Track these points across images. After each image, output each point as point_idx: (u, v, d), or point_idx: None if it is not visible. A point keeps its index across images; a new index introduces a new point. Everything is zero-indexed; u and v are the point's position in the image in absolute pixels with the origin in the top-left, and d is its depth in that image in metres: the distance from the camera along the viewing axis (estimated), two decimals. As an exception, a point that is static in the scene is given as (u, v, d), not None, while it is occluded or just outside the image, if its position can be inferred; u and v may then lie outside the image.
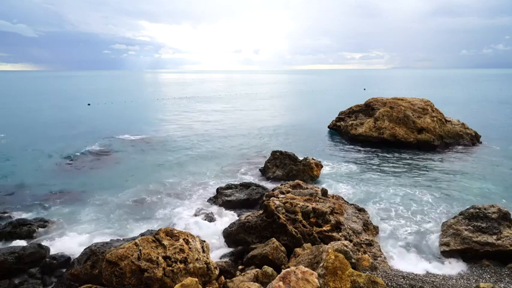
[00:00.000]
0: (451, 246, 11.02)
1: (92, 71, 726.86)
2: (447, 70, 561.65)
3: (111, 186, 17.99)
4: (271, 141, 28.84)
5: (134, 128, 34.75)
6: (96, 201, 15.95)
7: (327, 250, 7.77)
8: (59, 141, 28.73)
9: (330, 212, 11.96)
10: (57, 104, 59.58)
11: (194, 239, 9.09)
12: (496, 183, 17.69)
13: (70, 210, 15.12)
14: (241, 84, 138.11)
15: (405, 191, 16.87)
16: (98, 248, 9.76)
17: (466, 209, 12.14)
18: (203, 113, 47.18)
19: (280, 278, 6.72)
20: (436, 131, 26.57)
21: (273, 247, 9.81)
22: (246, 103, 60.39)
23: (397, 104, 28.22)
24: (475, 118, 37.22)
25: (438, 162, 21.71)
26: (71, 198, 16.46)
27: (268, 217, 11.42)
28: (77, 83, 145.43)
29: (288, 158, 19.30)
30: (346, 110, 32.93)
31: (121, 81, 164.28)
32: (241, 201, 15.23)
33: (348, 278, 7.15)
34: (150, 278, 7.64)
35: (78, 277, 9.14)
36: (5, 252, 10.34)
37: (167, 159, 23.24)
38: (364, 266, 9.39)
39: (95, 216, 14.42)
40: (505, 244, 10.32)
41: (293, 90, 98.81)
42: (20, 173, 20.14)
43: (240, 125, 36.77)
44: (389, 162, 21.81)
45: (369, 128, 27.83)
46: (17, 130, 34.14)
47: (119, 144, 27.78)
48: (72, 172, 20.52)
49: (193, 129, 34.79)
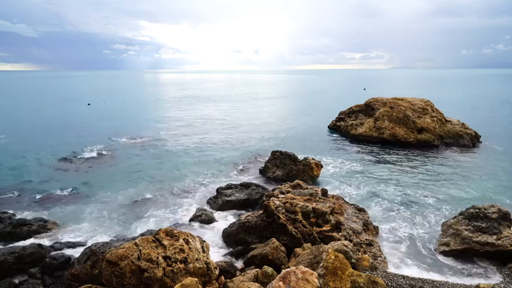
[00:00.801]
0: (451, 246, 11.01)
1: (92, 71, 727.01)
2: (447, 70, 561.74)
3: (111, 186, 17.99)
4: (271, 141, 28.84)
5: (134, 128, 34.76)
6: (96, 201, 15.96)
7: (327, 250, 7.77)
8: (59, 141, 28.74)
9: (330, 212, 11.96)
10: (58, 104, 59.60)
11: (194, 239, 9.08)
12: (496, 183, 17.70)
13: (70, 210, 15.13)
14: (241, 84, 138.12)
15: (405, 191, 16.87)
16: (98, 248, 9.75)
17: (466, 209, 12.14)
18: (203, 113, 47.19)
19: (280, 278, 6.72)
20: (436, 131, 26.58)
21: (273, 247, 9.81)
22: (246, 103, 60.40)
23: (397, 104, 28.22)
24: (475, 118, 37.23)
25: (438, 162, 21.70)
26: (71, 198, 16.47)
27: (268, 217, 11.42)
28: (77, 83, 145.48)
29: (288, 158, 19.29)
30: (346, 110, 32.94)
31: (121, 81, 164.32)
32: (241, 201, 15.23)
33: (348, 278, 7.15)
34: (150, 278, 7.63)
35: (78, 277, 9.14)
36: (5, 252, 10.34)
37: (167, 159, 23.23)
38: (364, 266, 9.39)
39: (95, 216, 14.42)
40: (505, 244, 10.32)
41: (293, 90, 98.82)
42: (20, 173, 20.14)
43: (240, 125, 36.78)
44: (389, 162, 21.81)
45: (369, 128, 27.83)
46: (17, 130, 34.14)
47: (119, 144, 27.78)
48: (72, 172, 20.52)
49: (193, 129, 34.79)
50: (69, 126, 36.20)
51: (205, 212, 14.13)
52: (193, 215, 13.95)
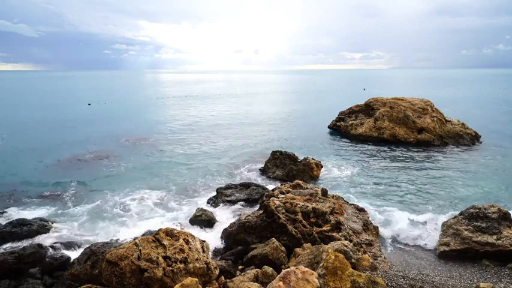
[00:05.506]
0: (451, 246, 11.01)
1: (92, 71, 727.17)
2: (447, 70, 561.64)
3: (112, 186, 18.00)
4: (271, 141, 28.84)
5: (134, 128, 34.77)
6: (96, 201, 15.96)
7: (327, 250, 7.77)
8: (59, 141, 28.75)
9: (330, 212, 11.96)
10: (58, 103, 59.59)
11: (194, 239, 9.08)
12: (496, 183, 17.70)
13: (70, 210, 15.14)
14: (241, 84, 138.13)
15: (405, 190, 16.88)
16: (98, 248, 9.76)
17: (466, 209, 12.13)
18: (203, 113, 47.19)
19: (280, 278, 6.72)
20: (436, 131, 26.58)
21: (273, 247, 9.81)
22: (246, 103, 60.39)
23: (397, 104, 28.22)
24: (475, 118, 37.20)
25: (438, 162, 21.70)
26: (71, 198, 16.48)
27: (268, 217, 11.42)
28: (77, 83, 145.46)
29: (288, 158, 19.29)
30: (346, 110, 32.93)
31: (121, 81, 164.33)
32: (241, 201, 15.23)
33: (348, 278, 7.14)
34: (150, 278, 7.63)
35: (78, 277, 9.14)
36: (5, 252, 10.35)
37: (167, 159, 23.24)
38: (364, 266, 9.39)
39: (95, 216, 14.43)
40: (505, 244, 10.32)
41: (293, 90, 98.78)
42: (20, 173, 20.15)
43: (240, 125, 36.78)
44: (389, 163, 21.81)
45: (369, 128, 27.84)
46: (17, 130, 34.14)
47: (119, 143, 27.78)
48: (72, 172, 20.51)
49: (193, 129, 34.79)
50: (69, 126, 36.21)
51: (205, 212, 14.13)
52: (193, 215, 13.94)
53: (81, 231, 13.11)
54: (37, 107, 54.38)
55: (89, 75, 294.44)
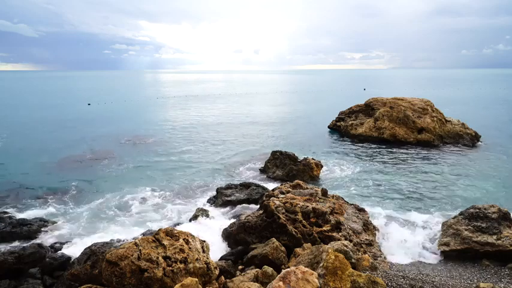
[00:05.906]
0: (451, 246, 11.01)
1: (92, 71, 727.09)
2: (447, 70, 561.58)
3: (111, 186, 17.99)
4: (271, 141, 28.84)
5: (134, 128, 34.76)
6: (96, 201, 15.95)
7: (327, 250, 7.76)
8: (59, 141, 28.75)
9: (330, 212, 11.95)
10: (58, 103, 59.59)
11: (194, 239, 9.08)
12: (496, 183, 17.69)
13: (70, 210, 15.13)
14: (241, 84, 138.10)
15: (405, 190, 16.87)
16: (98, 248, 9.76)
17: (466, 209, 12.13)
18: (203, 112, 47.18)
19: (280, 278, 6.72)
20: (436, 131, 26.58)
21: (273, 247, 9.80)
22: (246, 103, 60.39)
23: (397, 104, 28.23)
24: (475, 118, 37.20)
25: (438, 162, 21.70)
26: (71, 198, 16.47)
27: (268, 217, 11.42)
28: (77, 83, 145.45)
29: (288, 158, 19.29)
30: (346, 110, 32.94)
31: (121, 81, 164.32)
32: (241, 201, 15.22)
33: (348, 278, 7.14)
34: (150, 278, 7.63)
35: (78, 277, 9.14)
36: (5, 252, 10.34)
37: (167, 159, 23.24)
38: (364, 266, 9.38)
39: (95, 216, 14.42)
40: (505, 244, 10.32)
41: (293, 90, 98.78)
42: (20, 173, 20.14)
43: (240, 125, 36.78)
44: (389, 163, 21.80)
45: (369, 128, 27.84)
46: (17, 130, 34.14)
47: (119, 143, 27.78)
48: (72, 172, 20.50)
49: (193, 129, 34.79)
50: (69, 126, 36.21)
51: (206, 212, 14.14)
52: (193, 215, 13.95)
53: (81, 231, 13.10)
54: (37, 107, 54.37)
55: (88, 75, 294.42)
